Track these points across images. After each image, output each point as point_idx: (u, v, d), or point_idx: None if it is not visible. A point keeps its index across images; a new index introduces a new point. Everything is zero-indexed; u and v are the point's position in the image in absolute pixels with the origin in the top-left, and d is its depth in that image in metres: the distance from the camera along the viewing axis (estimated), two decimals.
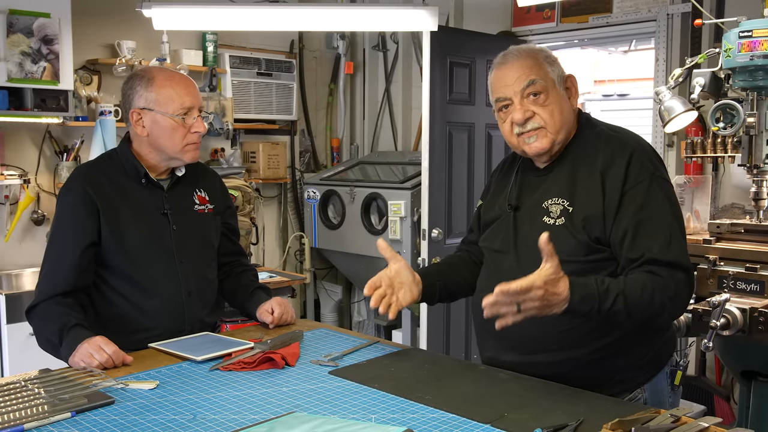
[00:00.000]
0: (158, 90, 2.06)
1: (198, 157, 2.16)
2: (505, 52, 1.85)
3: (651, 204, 1.69)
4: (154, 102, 2.05)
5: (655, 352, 1.79)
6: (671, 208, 1.71)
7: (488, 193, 2.01)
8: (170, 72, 2.14)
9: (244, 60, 4.70)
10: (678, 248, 1.68)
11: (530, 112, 1.77)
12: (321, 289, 5.23)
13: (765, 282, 2.26)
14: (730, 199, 3.44)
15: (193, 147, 2.11)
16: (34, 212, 3.93)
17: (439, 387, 1.64)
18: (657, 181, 1.72)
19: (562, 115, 1.78)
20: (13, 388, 1.63)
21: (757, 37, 2.30)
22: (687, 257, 1.71)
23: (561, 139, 1.80)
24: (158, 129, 2.06)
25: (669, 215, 1.70)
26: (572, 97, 1.82)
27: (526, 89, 1.77)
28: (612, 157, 1.73)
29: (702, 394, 3.60)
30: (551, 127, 1.77)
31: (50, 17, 3.53)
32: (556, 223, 1.75)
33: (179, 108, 2.06)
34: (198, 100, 2.11)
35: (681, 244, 1.70)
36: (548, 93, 1.77)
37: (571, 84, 1.83)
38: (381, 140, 5.27)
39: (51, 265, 2.02)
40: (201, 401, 1.58)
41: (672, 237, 1.68)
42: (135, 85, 2.08)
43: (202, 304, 2.17)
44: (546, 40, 4.37)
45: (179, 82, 2.09)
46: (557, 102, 1.78)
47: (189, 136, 2.08)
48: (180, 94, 2.07)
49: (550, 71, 1.79)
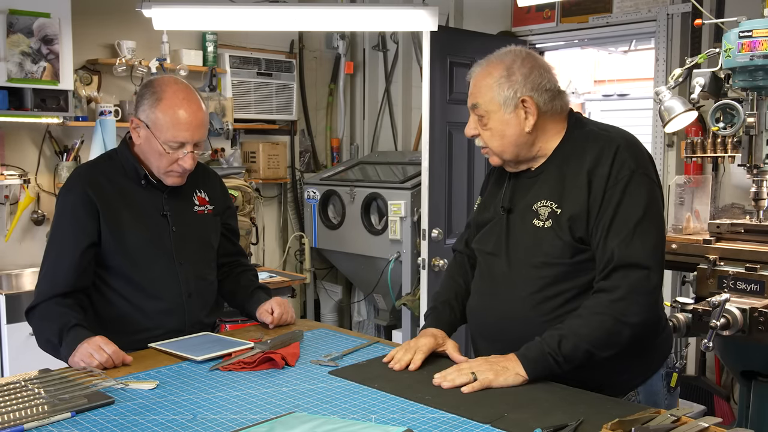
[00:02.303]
0: (161, 113, 2.00)
1: (183, 182, 2.11)
2: (479, 60, 1.85)
3: (626, 201, 1.69)
4: (153, 123, 2.01)
5: (649, 354, 1.79)
6: (644, 205, 1.69)
7: (485, 191, 2.02)
8: (182, 98, 2.01)
9: (244, 60, 4.70)
10: (638, 246, 1.66)
11: (476, 131, 1.84)
12: (321, 289, 5.22)
13: (765, 282, 2.25)
14: (730, 199, 3.44)
15: (175, 174, 2.07)
16: (34, 212, 3.93)
17: (439, 387, 1.63)
18: (637, 178, 1.70)
19: (503, 138, 1.79)
20: (13, 388, 1.63)
21: (757, 37, 2.30)
22: (651, 255, 1.68)
23: (510, 159, 1.82)
24: (148, 146, 2.05)
25: (639, 212, 1.68)
26: (527, 118, 1.77)
27: (472, 109, 1.83)
28: (599, 156, 1.73)
29: (702, 394, 3.60)
30: (494, 149, 1.82)
31: (50, 17, 3.53)
32: (544, 225, 1.76)
33: (172, 140, 2.00)
34: (197, 135, 2.03)
35: (643, 241, 1.67)
36: (489, 117, 1.79)
37: (527, 105, 1.77)
38: (381, 140, 5.27)
39: (50, 266, 2.02)
40: (201, 401, 1.58)
41: (635, 235, 1.67)
42: (145, 95, 2.04)
43: (202, 305, 2.17)
44: (546, 40, 4.37)
45: (185, 112, 2.00)
46: (499, 126, 1.79)
47: (174, 165, 2.04)
48: (179, 126, 2.00)
49: (497, 94, 1.77)
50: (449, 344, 1.85)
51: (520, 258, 1.79)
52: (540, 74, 1.78)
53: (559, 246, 1.73)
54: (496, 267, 1.85)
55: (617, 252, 1.66)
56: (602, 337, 1.65)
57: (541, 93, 1.77)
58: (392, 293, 4.43)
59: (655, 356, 1.82)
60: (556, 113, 1.81)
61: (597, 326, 1.65)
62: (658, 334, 1.83)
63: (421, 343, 1.83)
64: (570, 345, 1.63)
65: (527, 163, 1.85)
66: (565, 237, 1.72)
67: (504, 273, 1.81)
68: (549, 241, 1.73)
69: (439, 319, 1.94)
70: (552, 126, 1.81)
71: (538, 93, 1.77)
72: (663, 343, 1.85)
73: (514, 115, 1.77)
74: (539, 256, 1.75)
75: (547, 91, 1.78)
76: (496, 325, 1.83)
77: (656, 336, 1.82)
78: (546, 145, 1.81)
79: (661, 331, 1.83)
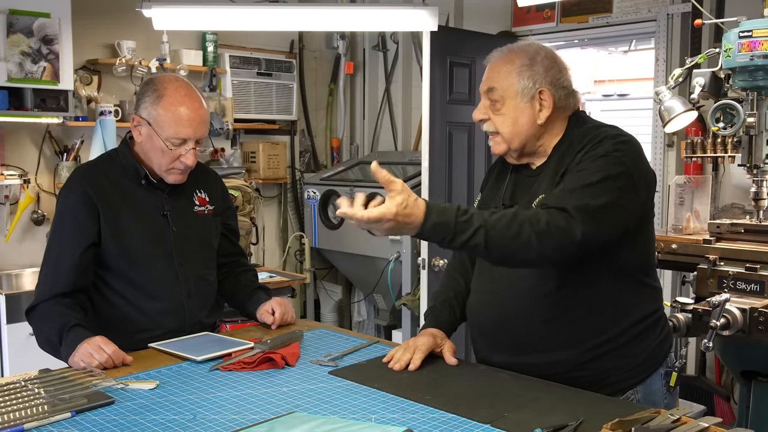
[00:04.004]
0: (162, 110, 2.00)
1: (184, 180, 2.11)
2: (500, 47, 1.85)
3: (588, 167, 1.66)
4: (154, 120, 2.02)
5: (648, 353, 1.79)
6: (602, 176, 1.63)
7: (485, 188, 2.02)
8: (183, 95, 2.03)
9: (244, 60, 4.70)
10: (576, 198, 1.61)
11: (486, 116, 1.81)
12: (321, 289, 5.22)
13: (765, 282, 2.25)
14: (730, 199, 3.44)
15: (177, 172, 2.07)
16: (34, 212, 3.93)
17: (439, 387, 1.64)
18: (609, 158, 1.66)
19: (515, 126, 1.78)
20: (13, 388, 1.63)
21: (757, 37, 2.30)
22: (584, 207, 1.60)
23: (516, 147, 1.80)
24: (150, 144, 2.05)
25: (594, 178, 1.63)
26: (542, 111, 1.77)
27: (487, 93, 1.81)
28: (585, 145, 1.73)
29: (702, 394, 3.60)
30: (504, 135, 1.80)
31: (50, 17, 3.53)
32: None
33: (174, 136, 2.01)
34: (199, 132, 2.03)
35: (583, 197, 1.61)
36: (504, 102, 1.78)
37: (543, 98, 1.77)
38: (381, 140, 5.27)
39: (51, 266, 2.02)
40: (201, 401, 1.58)
41: (579, 190, 1.62)
42: (146, 93, 2.05)
43: (202, 306, 2.17)
44: (546, 40, 4.37)
45: (187, 109, 2.01)
46: (513, 113, 1.78)
47: (176, 162, 2.05)
48: (181, 123, 2.00)
49: (517, 82, 1.76)
50: (447, 345, 1.86)
51: None
52: (559, 71, 1.79)
53: None
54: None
55: (553, 198, 1.64)
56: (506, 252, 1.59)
57: (558, 88, 1.78)
58: (392, 293, 4.43)
59: (655, 356, 1.82)
60: (566, 111, 1.82)
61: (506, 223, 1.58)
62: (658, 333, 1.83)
63: (420, 342, 1.83)
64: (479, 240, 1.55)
65: (529, 157, 1.84)
66: None
67: (503, 270, 1.81)
68: None
69: (439, 319, 1.94)
70: (559, 124, 1.82)
71: (555, 88, 1.77)
72: (662, 343, 1.85)
73: (529, 105, 1.77)
74: None
75: (563, 88, 1.79)
76: (495, 322, 1.82)
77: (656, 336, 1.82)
78: (549, 142, 1.81)
79: (660, 331, 1.83)
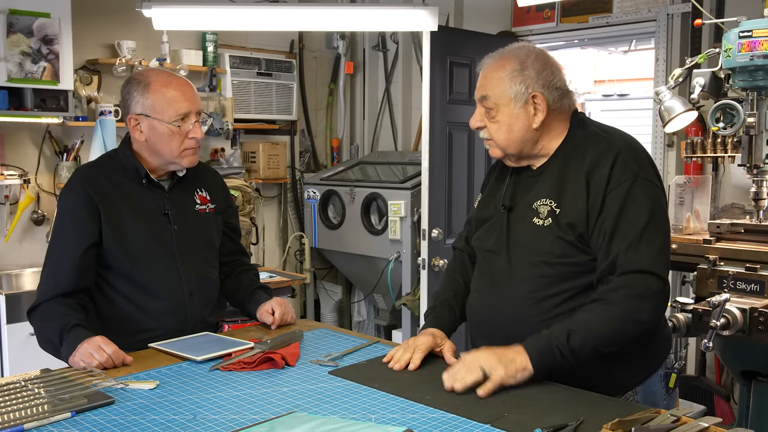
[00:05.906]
0: (154, 96, 2.03)
1: (197, 161, 2.15)
2: (491, 53, 1.85)
3: (629, 206, 1.68)
4: (151, 108, 2.03)
5: (648, 354, 1.79)
6: (649, 210, 1.68)
7: (486, 188, 2.02)
8: (167, 76, 2.09)
9: (244, 60, 4.70)
10: (645, 251, 1.66)
11: (482, 123, 1.82)
12: (321, 289, 5.22)
13: (765, 282, 2.25)
14: (730, 199, 3.44)
15: (191, 152, 2.09)
16: (34, 212, 3.93)
17: (439, 387, 1.63)
18: (640, 183, 1.70)
19: (510, 133, 1.79)
20: (13, 388, 1.63)
21: (757, 37, 2.30)
22: (657, 260, 1.67)
23: (513, 153, 1.81)
24: (155, 135, 2.05)
25: (645, 217, 1.67)
26: (536, 114, 1.78)
27: (481, 101, 1.81)
28: (598, 158, 1.73)
29: (702, 394, 3.60)
30: (499, 142, 1.81)
31: (50, 17, 3.53)
32: (544, 224, 1.76)
33: (175, 115, 2.03)
34: (196, 104, 2.08)
35: (650, 246, 1.66)
36: (499, 110, 1.78)
37: (537, 102, 1.77)
38: (381, 140, 5.27)
39: (52, 266, 2.02)
40: (201, 401, 1.58)
41: (641, 240, 1.66)
42: (132, 90, 2.06)
43: (204, 304, 2.17)
44: (546, 40, 4.37)
45: (176, 87, 2.05)
46: (507, 120, 1.78)
47: (186, 141, 2.06)
48: (176, 100, 2.03)
49: (509, 88, 1.76)
50: (446, 345, 1.85)
51: (520, 256, 1.79)
52: (552, 72, 1.78)
53: (559, 245, 1.73)
54: (495, 264, 1.85)
55: (623, 257, 1.65)
56: (611, 333, 1.64)
57: (551, 91, 1.77)
58: (392, 293, 4.44)
59: (654, 356, 1.82)
60: (562, 112, 1.81)
61: (607, 322, 1.64)
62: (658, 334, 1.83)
63: (420, 341, 1.83)
64: (578, 339, 1.62)
65: (528, 160, 1.85)
66: (564, 236, 1.72)
67: (503, 271, 1.81)
68: (549, 240, 1.74)
69: (439, 319, 1.94)
70: (557, 125, 1.81)
71: (548, 90, 1.77)
72: (662, 344, 1.85)
73: (524, 110, 1.77)
74: (539, 255, 1.75)
75: (557, 89, 1.78)
76: (495, 323, 1.83)
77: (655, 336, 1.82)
78: (549, 144, 1.82)
79: (660, 332, 1.83)
